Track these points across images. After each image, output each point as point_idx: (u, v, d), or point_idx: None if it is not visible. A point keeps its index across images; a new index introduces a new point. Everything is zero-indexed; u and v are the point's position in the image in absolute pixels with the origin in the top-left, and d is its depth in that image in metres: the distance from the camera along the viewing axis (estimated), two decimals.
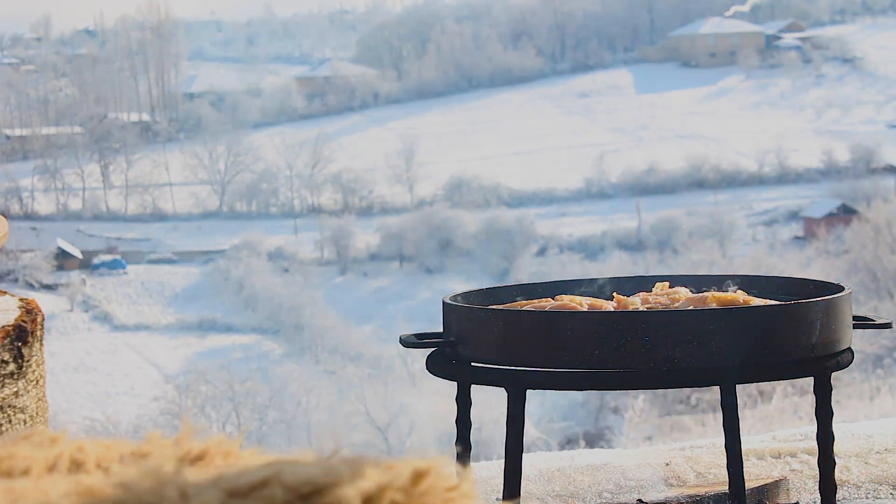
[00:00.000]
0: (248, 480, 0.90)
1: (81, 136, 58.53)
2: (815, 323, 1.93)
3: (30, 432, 1.04)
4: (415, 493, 0.92)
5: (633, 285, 2.27)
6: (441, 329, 2.07)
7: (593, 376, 1.89)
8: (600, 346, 1.86)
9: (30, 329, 2.06)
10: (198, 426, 1.02)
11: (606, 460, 2.75)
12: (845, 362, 1.99)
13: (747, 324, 1.89)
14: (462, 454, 2.10)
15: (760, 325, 1.89)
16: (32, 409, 2.06)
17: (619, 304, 2.09)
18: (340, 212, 51.89)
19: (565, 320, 1.90)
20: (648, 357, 1.85)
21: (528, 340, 1.90)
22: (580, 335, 1.87)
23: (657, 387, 1.91)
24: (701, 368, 1.87)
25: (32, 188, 55.33)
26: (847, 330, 2.00)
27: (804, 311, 1.92)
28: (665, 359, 1.85)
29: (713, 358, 1.87)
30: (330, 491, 0.90)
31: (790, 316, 1.91)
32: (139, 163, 57.49)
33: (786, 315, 1.91)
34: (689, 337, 1.86)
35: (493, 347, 1.95)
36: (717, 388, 2.36)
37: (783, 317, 1.91)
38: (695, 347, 1.86)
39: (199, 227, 53.05)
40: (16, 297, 2.25)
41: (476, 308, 2.03)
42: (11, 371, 2.00)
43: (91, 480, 0.91)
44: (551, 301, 2.11)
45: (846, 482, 2.59)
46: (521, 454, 2.00)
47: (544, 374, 1.92)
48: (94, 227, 53.32)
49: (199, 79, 67.96)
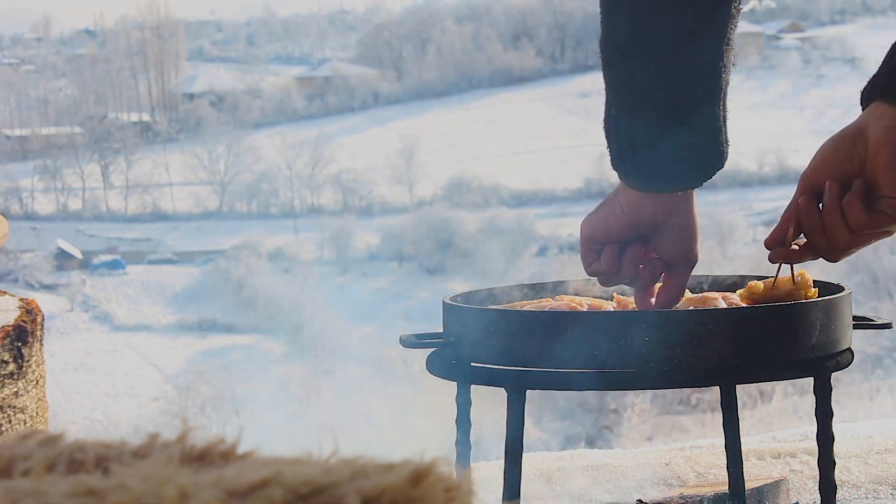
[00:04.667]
0: (247, 480, 0.90)
1: (81, 136, 58.53)
2: (815, 323, 1.93)
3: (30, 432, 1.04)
4: (415, 493, 0.92)
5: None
6: (441, 329, 2.07)
7: (593, 376, 1.89)
8: (600, 346, 1.86)
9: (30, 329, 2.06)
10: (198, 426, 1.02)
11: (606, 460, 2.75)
12: (845, 363, 1.99)
13: (747, 324, 1.89)
14: (462, 454, 2.10)
15: (760, 325, 1.89)
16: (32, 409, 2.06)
17: (619, 304, 2.10)
18: (340, 212, 51.90)
19: (565, 320, 1.90)
20: (648, 357, 1.86)
21: (528, 340, 1.90)
22: (580, 335, 1.87)
23: (657, 387, 1.91)
24: (701, 368, 1.87)
25: (32, 188, 55.33)
26: (847, 330, 2.00)
27: (804, 311, 1.92)
28: (665, 359, 1.85)
29: (713, 358, 1.87)
30: (330, 491, 0.90)
31: (790, 316, 1.91)
32: (139, 163, 57.49)
33: (786, 315, 1.91)
34: (689, 337, 1.86)
35: (493, 347, 1.95)
36: (717, 388, 2.36)
37: (783, 317, 1.91)
38: (695, 347, 1.86)
39: (199, 227, 53.05)
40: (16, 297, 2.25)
41: (476, 308, 2.03)
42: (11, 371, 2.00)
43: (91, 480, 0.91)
44: (551, 301, 2.11)
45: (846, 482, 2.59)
46: (521, 454, 2.00)
47: (544, 374, 1.92)
48: (94, 227, 53.32)
49: (199, 79, 67.93)
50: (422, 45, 70.46)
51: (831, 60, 65.09)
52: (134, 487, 0.88)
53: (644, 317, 1.89)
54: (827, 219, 1.85)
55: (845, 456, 2.70)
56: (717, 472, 2.66)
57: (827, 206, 1.85)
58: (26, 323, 2.06)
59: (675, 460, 2.73)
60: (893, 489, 2.58)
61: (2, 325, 2.03)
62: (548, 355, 1.89)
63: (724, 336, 1.87)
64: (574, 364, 1.89)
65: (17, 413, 2.00)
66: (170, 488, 0.87)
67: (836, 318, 1.96)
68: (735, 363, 1.88)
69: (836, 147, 1.86)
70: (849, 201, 1.82)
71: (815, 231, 1.87)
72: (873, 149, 1.82)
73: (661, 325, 1.86)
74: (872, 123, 1.83)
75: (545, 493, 2.54)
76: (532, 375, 1.93)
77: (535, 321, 1.92)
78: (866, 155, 1.83)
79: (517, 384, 1.95)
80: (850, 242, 1.85)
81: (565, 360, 1.89)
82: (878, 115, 1.83)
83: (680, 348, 1.86)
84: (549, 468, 2.67)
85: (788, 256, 1.92)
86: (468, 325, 1.99)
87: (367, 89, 66.55)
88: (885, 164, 1.81)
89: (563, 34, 71.19)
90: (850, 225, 1.83)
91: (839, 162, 1.85)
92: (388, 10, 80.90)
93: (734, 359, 1.88)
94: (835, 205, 1.84)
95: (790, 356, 1.91)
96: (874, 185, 1.83)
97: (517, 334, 1.92)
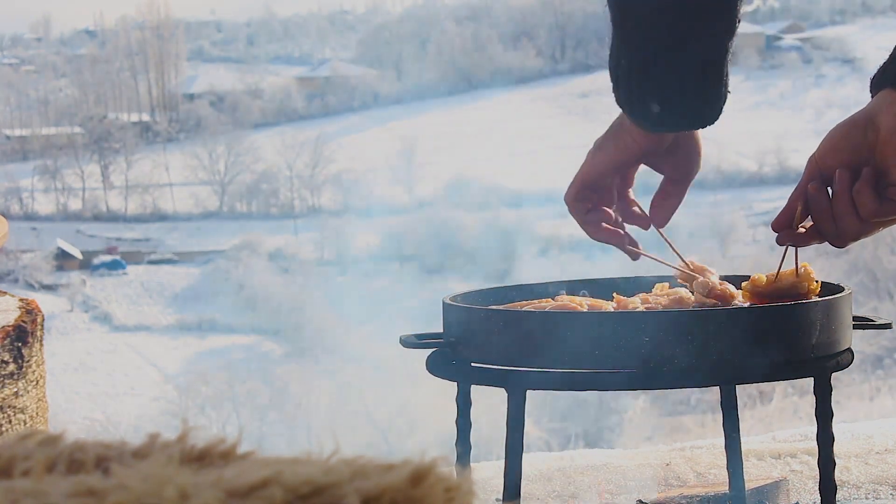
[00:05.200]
0: (247, 481, 0.90)
1: (81, 136, 58.51)
2: (815, 323, 1.93)
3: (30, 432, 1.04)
4: (415, 493, 0.92)
5: (633, 285, 2.27)
6: (441, 329, 2.07)
7: (593, 376, 1.89)
8: (600, 346, 1.86)
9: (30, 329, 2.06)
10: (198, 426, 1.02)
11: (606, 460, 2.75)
12: (845, 363, 2.00)
13: (747, 324, 1.89)
14: (462, 455, 2.10)
15: (760, 325, 1.89)
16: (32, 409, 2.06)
17: (619, 305, 2.09)
18: (340, 212, 51.88)
19: (565, 320, 1.90)
20: (648, 357, 1.85)
21: (528, 340, 1.90)
22: (580, 335, 1.87)
23: (657, 387, 1.91)
24: (701, 368, 1.87)
25: (32, 188, 55.32)
26: (847, 330, 2.00)
27: (804, 312, 1.92)
28: (665, 359, 1.85)
29: (713, 358, 1.87)
30: (330, 491, 0.90)
31: (790, 316, 1.91)
32: (139, 163, 57.47)
33: (786, 315, 1.91)
34: (689, 337, 1.86)
35: (493, 347, 1.94)
36: (717, 388, 2.36)
37: (783, 317, 1.91)
38: (695, 347, 1.86)
39: (199, 228, 53.04)
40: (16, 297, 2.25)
41: (476, 308, 2.03)
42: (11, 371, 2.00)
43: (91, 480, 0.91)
44: (551, 301, 2.11)
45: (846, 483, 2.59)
46: (521, 454, 2.00)
47: (544, 374, 1.92)
48: (94, 227, 53.31)
49: (199, 79, 67.92)
50: (422, 45, 70.44)
51: (831, 61, 65.07)
52: (134, 487, 0.88)
53: (644, 317, 1.89)
54: (837, 207, 1.85)
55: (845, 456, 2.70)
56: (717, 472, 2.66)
57: (837, 194, 1.85)
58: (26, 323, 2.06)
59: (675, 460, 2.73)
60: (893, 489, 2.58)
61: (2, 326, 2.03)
62: (548, 355, 1.89)
63: (724, 336, 1.87)
64: (574, 364, 1.89)
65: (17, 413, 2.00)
66: (170, 488, 0.87)
67: (836, 318, 1.96)
68: (735, 363, 1.88)
69: (846, 133, 1.87)
70: (859, 189, 1.83)
71: (825, 218, 1.88)
72: (885, 137, 1.82)
73: (661, 325, 1.86)
74: (884, 112, 1.83)
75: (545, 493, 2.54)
76: (532, 375, 1.93)
77: (535, 321, 1.92)
78: (877, 143, 1.83)
79: (517, 384, 1.95)
80: (860, 230, 1.86)
81: (565, 360, 1.89)
82: (889, 103, 1.83)
83: (680, 348, 1.86)
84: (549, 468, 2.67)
85: (796, 239, 1.92)
86: (468, 325, 1.99)
87: (367, 89, 66.54)
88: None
89: (564, 34, 71.18)
90: (860, 213, 1.84)
91: (849, 148, 1.85)
92: (388, 10, 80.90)
93: (734, 359, 1.88)
94: (845, 193, 1.84)
95: (790, 356, 1.91)
96: (884, 172, 1.83)
97: (517, 334, 1.92)
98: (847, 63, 63.73)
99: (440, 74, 67.82)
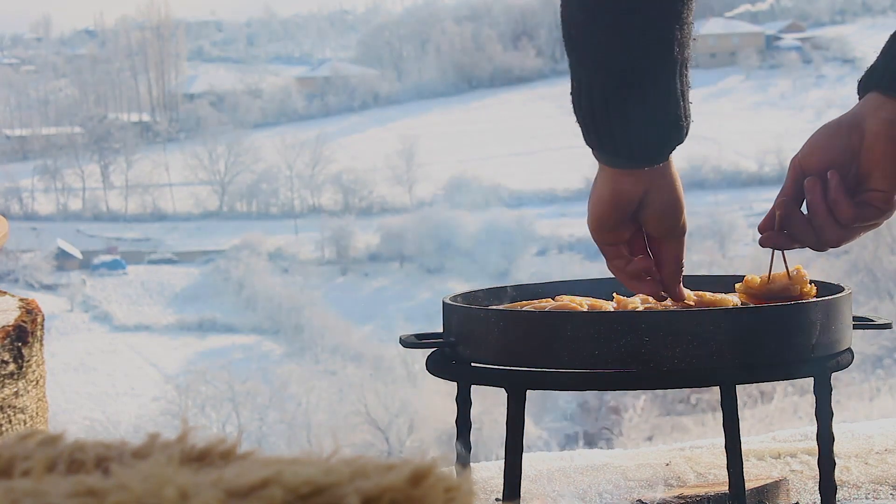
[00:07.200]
0: (247, 481, 0.90)
1: (81, 136, 58.54)
2: (815, 323, 1.93)
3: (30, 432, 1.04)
4: (415, 493, 0.92)
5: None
6: (441, 329, 2.07)
7: (593, 376, 1.89)
8: (600, 346, 1.86)
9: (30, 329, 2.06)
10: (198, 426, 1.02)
11: (606, 460, 2.75)
12: (845, 363, 1.99)
13: (747, 324, 1.89)
14: (462, 454, 2.10)
15: (760, 326, 1.89)
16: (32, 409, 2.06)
17: (619, 304, 2.09)
18: (340, 212, 51.91)
19: (565, 320, 1.90)
20: (648, 357, 1.85)
21: (528, 340, 1.90)
22: (580, 335, 1.87)
23: (657, 387, 1.91)
24: (701, 368, 1.87)
25: (32, 188, 55.35)
26: (847, 330, 2.00)
27: (804, 312, 1.92)
28: (665, 359, 1.85)
29: (713, 358, 1.87)
30: (330, 491, 0.90)
31: (790, 316, 1.91)
32: (139, 163, 57.51)
33: (786, 315, 1.91)
34: (689, 337, 1.86)
35: (493, 347, 1.94)
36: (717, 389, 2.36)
37: (783, 317, 1.91)
38: (695, 347, 1.86)
39: (199, 228, 53.07)
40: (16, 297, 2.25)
41: (476, 308, 2.03)
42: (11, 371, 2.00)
43: (91, 480, 0.91)
44: (551, 301, 2.11)
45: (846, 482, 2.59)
46: (521, 454, 2.00)
47: (544, 374, 1.92)
48: (94, 227, 53.34)
49: (199, 79, 67.96)
50: (422, 45, 70.46)
51: (831, 60, 65.10)
52: (134, 487, 0.88)
53: (644, 317, 1.89)
54: (815, 218, 1.85)
55: (845, 456, 2.70)
56: (717, 472, 2.66)
57: (812, 203, 1.85)
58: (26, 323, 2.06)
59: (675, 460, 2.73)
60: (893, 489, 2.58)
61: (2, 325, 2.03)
62: (547, 355, 1.89)
63: (724, 336, 1.87)
64: (574, 364, 1.89)
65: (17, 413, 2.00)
66: (170, 488, 0.87)
67: (836, 318, 1.96)
68: (735, 363, 1.88)
69: (830, 135, 1.86)
70: (835, 199, 1.82)
71: (802, 231, 1.87)
72: (869, 141, 1.82)
73: (661, 325, 1.86)
74: (870, 115, 1.82)
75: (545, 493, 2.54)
76: (532, 375, 1.93)
77: (535, 321, 1.92)
78: (861, 146, 1.83)
79: (517, 384, 1.95)
80: (841, 236, 1.86)
81: (565, 360, 1.89)
82: (875, 107, 1.82)
83: (680, 348, 1.86)
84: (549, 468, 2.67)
85: (778, 241, 1.92)
86: (468, 325, 1.99)
87: (367, 89, 66.56)
88: (881, 157, 1.81)
89: None
90: (839, 220, 1.83)
91: (832, 150, 1.85)
92: (388, 10, 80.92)
93: (734, 359, 1.88)
94: (821, 203, 1.84)
95: (790, 356, 1.91)
96: (866, 176, 1.83)
97: (517, 334, 1.92)
98: (847, 63, 63.75)
99: (440, 74, 67.85)
